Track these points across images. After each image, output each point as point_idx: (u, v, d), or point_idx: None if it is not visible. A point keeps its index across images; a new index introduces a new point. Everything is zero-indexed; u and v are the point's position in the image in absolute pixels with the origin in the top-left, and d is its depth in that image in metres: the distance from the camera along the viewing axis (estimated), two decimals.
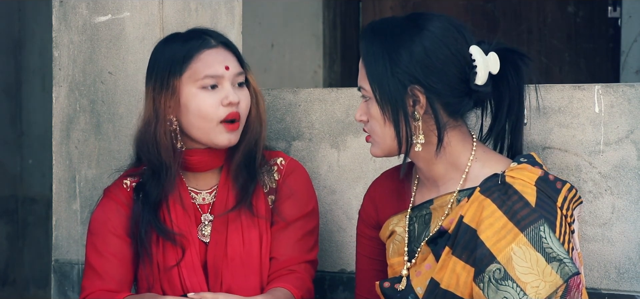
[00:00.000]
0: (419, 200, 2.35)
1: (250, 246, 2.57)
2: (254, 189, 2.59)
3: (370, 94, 2.23)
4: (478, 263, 2.14)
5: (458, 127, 2.26)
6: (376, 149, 2.28)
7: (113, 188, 2.65)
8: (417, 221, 2.33)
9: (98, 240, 2.59)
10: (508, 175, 2.19)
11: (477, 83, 2.21)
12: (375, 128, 2.25)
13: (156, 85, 2.54)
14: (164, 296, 2.50)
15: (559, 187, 2.18)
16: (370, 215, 2.46)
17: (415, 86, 2.19)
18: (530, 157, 2.24)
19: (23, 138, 5.00)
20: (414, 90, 2.20)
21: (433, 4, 4.66)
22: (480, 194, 2.19)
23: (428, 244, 2.26)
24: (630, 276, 2.48)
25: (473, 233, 2.17)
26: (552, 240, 2.11)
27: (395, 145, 2.24)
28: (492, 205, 2.16)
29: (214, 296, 2.47)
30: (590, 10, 4.60)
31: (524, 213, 2.13)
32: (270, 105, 2.90)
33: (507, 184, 2.18)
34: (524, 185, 2.17)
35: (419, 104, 2.20)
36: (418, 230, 2.32)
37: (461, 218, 2.19)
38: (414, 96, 2.20)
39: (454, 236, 2.19)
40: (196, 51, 2.53)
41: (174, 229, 2.57)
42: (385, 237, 2.40)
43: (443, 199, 2.28)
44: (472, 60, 2.21)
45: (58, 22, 3.11)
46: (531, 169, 2.20)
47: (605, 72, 4.54)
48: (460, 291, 2.18)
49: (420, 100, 2.20)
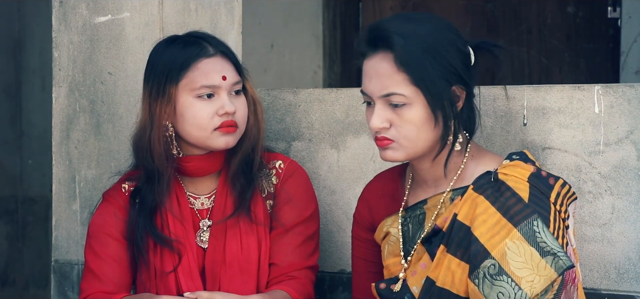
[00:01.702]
0: (412, 201, 2.35)
1: (249, 252, 2.57)
2: (251, 195, 2.58)
3: (409, 100, 2.18)
4: (472, 260, 2.15)
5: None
6: (400, 153, 2.23)
7: (111, 191, 2.65)
8: (411, 221, 2.33)
9: (96, 243, 2.60)
10: (501, 172, 2.20)
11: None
12: (407, 133, 2.20)
13: (152, 91, 2.54)
14: (160, 296, 2.50)
15: (551, 183, 2.19)
16: (365, 218, 2.46)
17: (457, 85, 2.21)
18: (523, 154, 2.25)
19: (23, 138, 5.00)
20: (457, 89, 2.21)
21: (433, 4, 4.66)
22: (474, 191, 2.20)
23: (423, 243, 2.27)
24: (630, 277, 2.48)
25: (467, 230, 2.18)
26: (546, 234, 2.12)
27: (428, 147, 2.22)
28: (486, 202, 2.17)
29: (210, 295, 2.47)
30: (590, 11, 4.59)
31: (517, 208, 2.14)
32: (270, 105, 2.90)
33: (500, 181, 2.19)
34: (517, 181, 2.18)
35: (458, 102, 2.22)
36: (412, 230, 2.32)
37: (455, 215, 2.20)
38: (456, 95, 2.22)
39: (448, 234, 2.20)
40: (193, 60, 2.52)
41: (170, 235, 2.57)
42: (380, 239, 2.40)
43: (437, 198, 2.29)
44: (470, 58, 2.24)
45: (58, 23, 3.11)
46: (524, 166, 2.21)
47: (605, 73, 4.54)
48: (456, 288, 2.19)
49: (461, 97, 2.22)
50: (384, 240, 2.38)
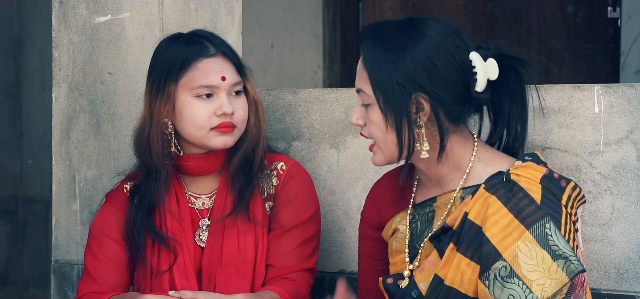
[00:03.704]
0: (420, 198, 2.35)
1: (246, 252, 2.57)
2: (250, 194, 2.58)
3: (371, 100, 2.21)
4: (483, 260, 2.14)
5: (458, 131, 2.25)
6: (379, 157, 2.25)
7: (113, 192, 2.66)
8: (419, 218, 2.33)
9: (95, 244, 2.61)
10: (513, 172, 2.19)
11: (477, 90, 2.21)
12: (376, 134, 2.24)
13: (153, 88, 2.55)
14: (145, 295, 2.50)
15: (563, 185, 2.19)
16: (372, 216, 2.46)
17: (419, 93, 2.18)
18: (535, 156, 2.24)
19: (23, 138, 5.00)
20: (418, 98, 2.18)
21: (433, 4, 4.66)
22: (486, 191, 2.19)
23: (431, 240, 2.26)
24: (630, 277, 2.48)
25: (478, 230, 2.17)
26: (558, 238, 2.11)
27: (397, 152, 2.23)
28: (498, 202, 2.16)
29: (194, 294, 2.47)
30: (590, 11, 4.60)
31: (529, 210, 2.14)
32: (270, 105, 2.90)
33: (512, 181, 2.18)
34: (529, 183, 2.17)
35: (422, 111, 2.19)
36: (421, 228, 2.32)
37: (466, 214, 2.19)
38: (418, 103, 2.19)
39: (459, 233, 2.19)
40: (194, 59, 2.52)
41: (168, 233, 2.57)
42: (388, 236, 2.40)
43: (446, 196, 2.28)
44: (472, 67, 2.21)
45: (58, 23, 3.11)
46: (536, 167, 2.20)
47: (605, 72, 4.54)
48: (465, 288, 2.18)
49: (424, 108, 2.19)
50: (392, 237, 2.38)
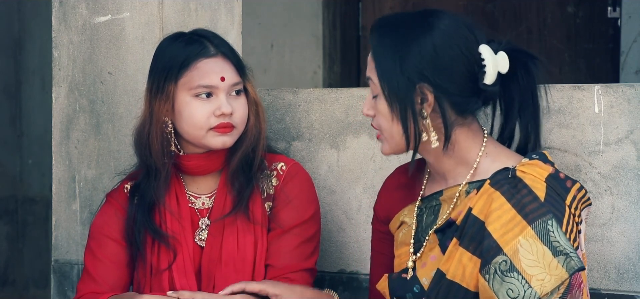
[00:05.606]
0: (429, 191, 2.36)
1: (245, 251, 2.57)
2: (250, 194, 2.58)
3: (379, 90, 2.23)
4: (485, 255, 2.14)
5: (467, 124, 2.26)
6: (386, 146, 2.27)
7: (114, 192, 2.66)
8: (426, 211, 2.33)
9: (95, 244, 2.61)
10: (519, 169, 2.20)
11: (486, 82, 2.21)
12: (383, 125, 2.25)
13: (153, 87, 2.55)
14: (143, 295, 2.50)
15: (569, 186, 2.19)
16: (380, 210, 2.47)
17: (423, 84, 2.19)
18: (542, 155, 2.25)
19: (23, 138, 5.00)
20: (422, 89, 2.19)
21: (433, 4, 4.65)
22: (490, 186, 2.19)
23: (436, 233, 2.27)
24: (630, 277, 2.48)
25: (481, 225, 2.17)
26: (560, 234, 2.12)
27: (404, 142, 2.24)
28: (501, 198, 2.16)
29: (192, 295, 2.48)
30: (590, 11, 4.60)
31: (532, 206, 2.14)
32: (270, 105, 2.90)
33: (517, 178, 2.18)
34: (534, 180, 2.17)
35: (427, 102, 2.20)
36: (426, 221, 2.33)
37: (470, 209, 2.20)
38: (422, 94, 2.20)
39: (462, 228, 2.20)
40: (193, 59, 2.53)
41: (167, 231, 2.57)
42: (395, 229, 2.40)
43: (452, 190, 2.28)
44: (482, 60, 2.21)
45: (58, 22, 3.11)
46: (542, 166, 2.20)
47: (605, 72, 4.54)
48: (466, 282, 2.19)
49: (428, 99, 2.20)
50: (398, 229, 2.39)
